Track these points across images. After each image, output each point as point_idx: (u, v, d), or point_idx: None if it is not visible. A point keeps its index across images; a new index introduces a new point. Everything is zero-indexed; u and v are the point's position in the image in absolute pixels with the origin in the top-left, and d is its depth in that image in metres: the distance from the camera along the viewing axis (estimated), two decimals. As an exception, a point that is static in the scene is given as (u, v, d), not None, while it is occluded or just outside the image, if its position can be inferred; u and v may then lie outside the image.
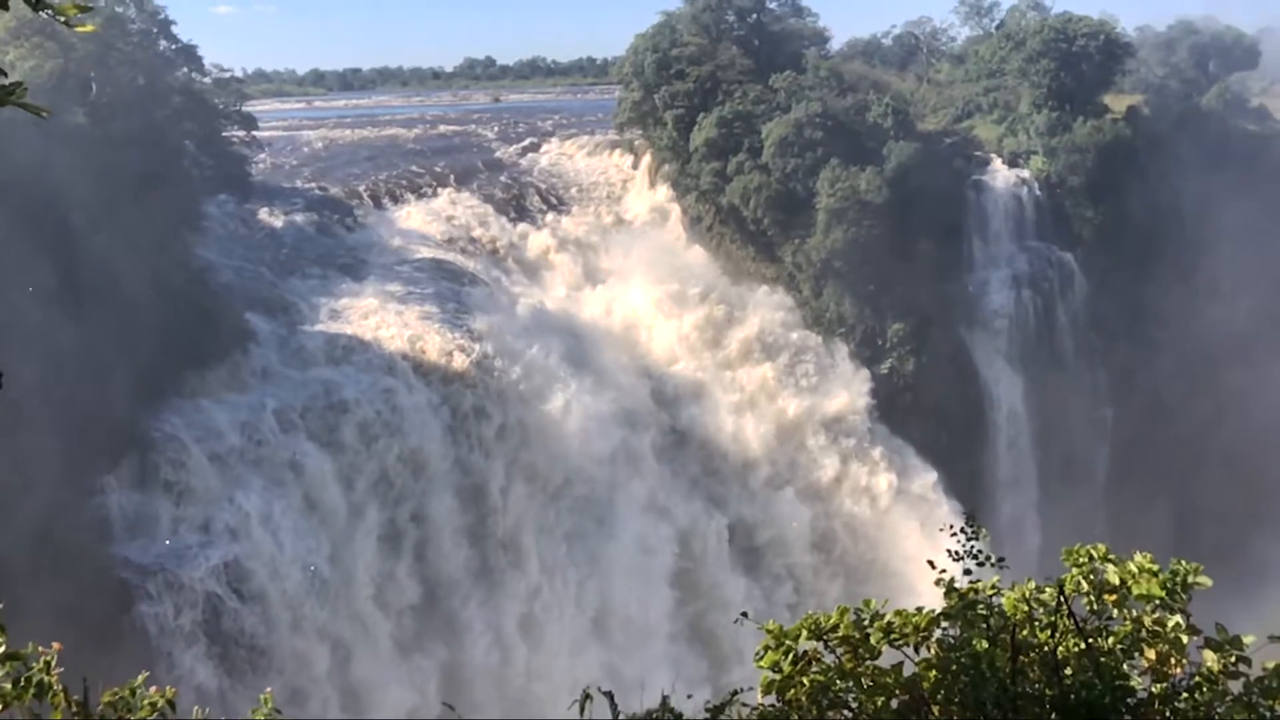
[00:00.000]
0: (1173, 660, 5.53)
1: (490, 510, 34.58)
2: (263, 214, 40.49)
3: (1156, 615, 5.61)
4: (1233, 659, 5.43)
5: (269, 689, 6.48)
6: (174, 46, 38.50)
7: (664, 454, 40.94)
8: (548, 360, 37.40)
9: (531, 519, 35.63)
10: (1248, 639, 5.49)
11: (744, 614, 6.94)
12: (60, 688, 4.97)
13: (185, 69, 39.15)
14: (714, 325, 44.02)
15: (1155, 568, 5.64)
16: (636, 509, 38.73)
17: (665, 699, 6.07)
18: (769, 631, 5.72)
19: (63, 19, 3.90)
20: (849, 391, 44.78)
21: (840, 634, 5.65)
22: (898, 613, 5.77)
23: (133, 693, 5.21)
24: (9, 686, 4.86)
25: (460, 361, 34.95)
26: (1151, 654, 5.56)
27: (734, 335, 44.25)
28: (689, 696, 6.35)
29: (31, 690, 4.85)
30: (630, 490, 38.83)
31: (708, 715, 5.81)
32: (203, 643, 26.64)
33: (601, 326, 42.59)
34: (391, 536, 32.11)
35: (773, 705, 5.82)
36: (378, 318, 35.41)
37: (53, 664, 4.96)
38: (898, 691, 5.62)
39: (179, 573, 26.31)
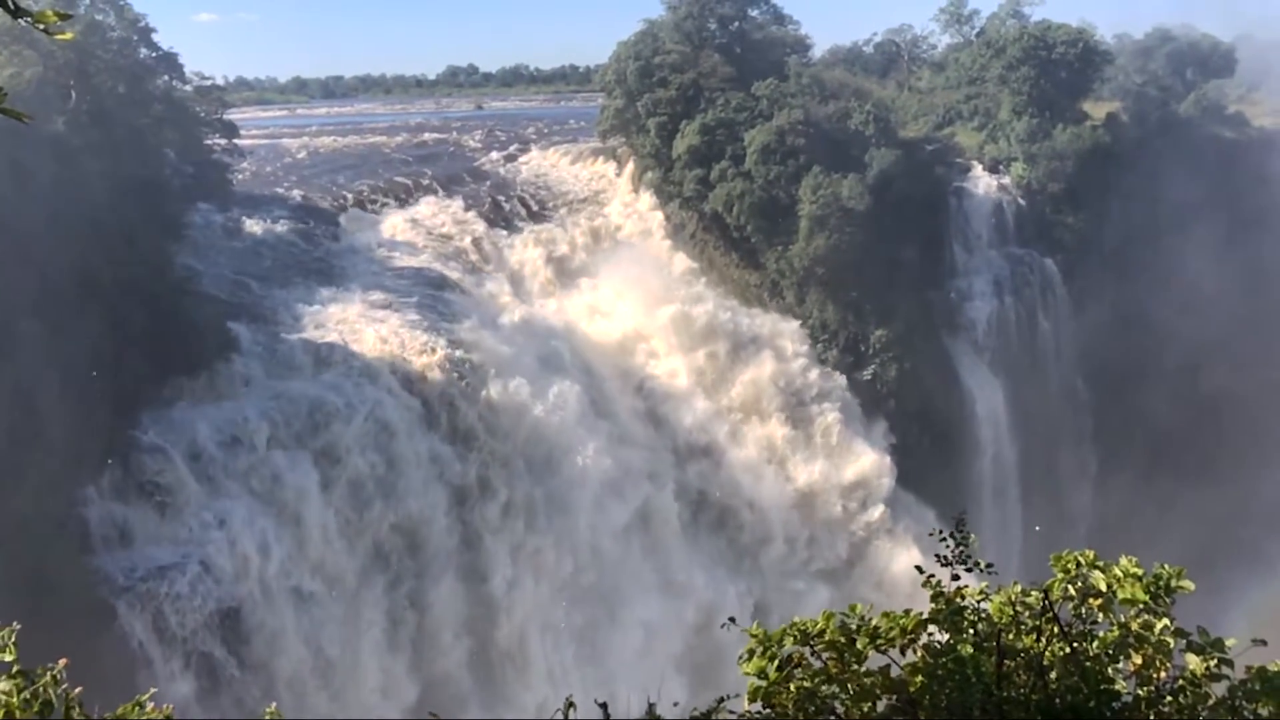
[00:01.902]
0: (1157, 664, 5.55)
1: (494, 607, 32.54)
2: (245, 222, 40.25)
3: (1142, 619, 5.63)
4: (1215, 662, 5.46)
5: (274, 704, 6.44)
6: (154, 54, 38.31)
7: (685, 526, 39.04)
8: (562, 417, 35.49)
9: (538, 617, 33.58)
10: (1230, 642, 5.52)
11: (731, 619, 6.90)
12: (76, 701, 4.98)
13: (166, 77, 38.94)
14: (719, 368, 42.33)
15: (1140, 572, 5.66)
16: (650, 590, 36.76)
17: (651, 706, 6.04)
18: (753, 636, 5.70)
19: (42, 26, 3.87)
20: (870, 448, 43.04)
21: (826, 639, 5.64)
22: (885, 615, 5.77)
23: (139, 706, 5.20)
24: (15, 700, 4.85)
25: (464, 409, 33.19)
26: (1138, 658, 5.58)
27: (744, 376, 42.45)
28: (675, 704, 6.32)
29: (38, 704, 4.85)
30: (644, 571, 36.91)
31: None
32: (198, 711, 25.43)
33: (610, 359, 40.81)
34: (390, 622, 30.41)
35: (759, 712, 5.80)
36: (372, 332, 34.16)
37: (60, 678, 4.96)
38: (884, 694, 5.61)
39: (170, 617, 25.34)
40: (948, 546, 6.16)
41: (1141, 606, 5.62)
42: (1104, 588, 5.69)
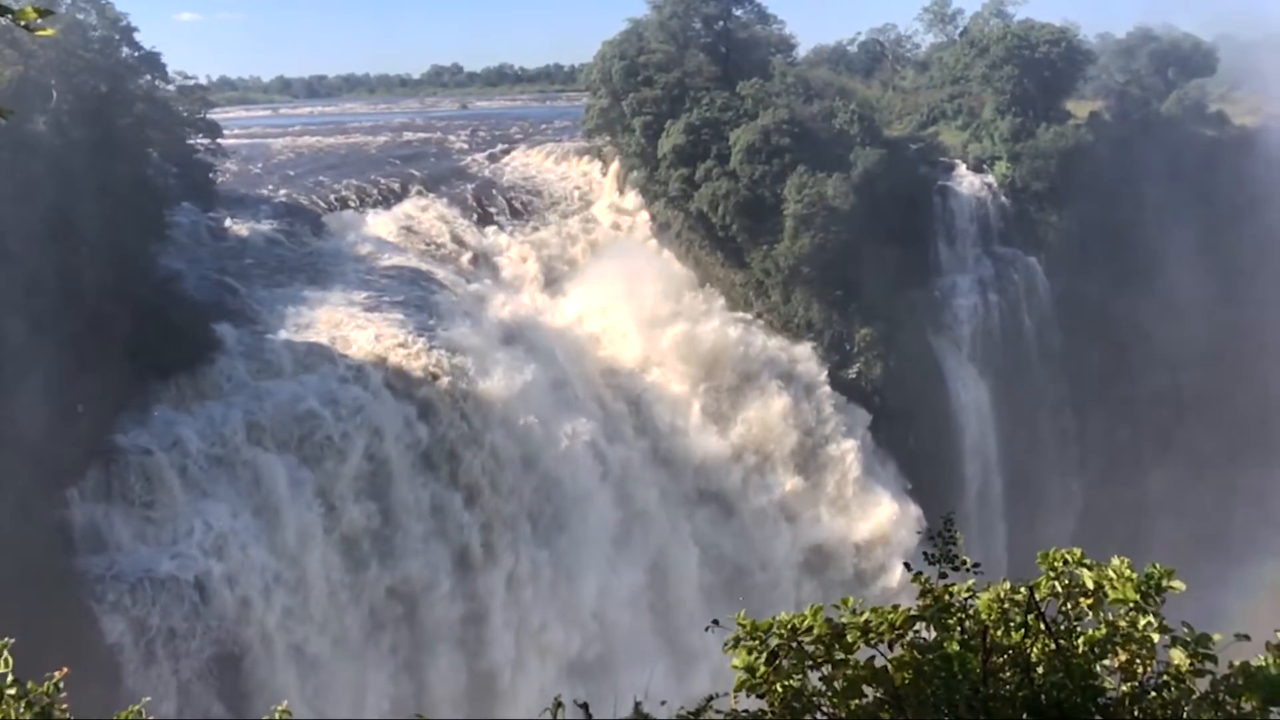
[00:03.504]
0: (1142, 657, 5.58)
1: (497, 693, 31.08)
2: (229, 222, 40.06)
3: (1130, 618, 5.65)
4: (1199, 657, 5.49)
5: (285, 702, 6.40)
6: (136, 54, 38.01)
7: (701, 587, 37.23)
8: (573, 470, 33.94)
9: (541, 705, 32.24)
10: (1215, 637, 5.55)
11: (715, 621, 6.88)
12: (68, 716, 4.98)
13: (148, 76, 38.63)
14: (729, 400, 40.53)
15: (1133, 575, 5.68)
16: (657, 660, 34.57)
17: (638, 704, 6.04)
18: (741, 624, 5.71)
19: (23, 23, 3.85)
20: (891, 498, 40.99)
21: (814, 635, 5.65)
22: (873, 610, 5.79)
23: (139, 714, 5.21)
24: (12, 710, 4.85)
25: (468, 458, 31.77)
26: (1123, 655, 5.61)
27: (752, 414, 40.52)
28: (663, 703, 6.31)
29: (32, 713, 4.84)
30: (653, 638, 35.18)
31: (682, 721, 5.79)
32: None
33: (617, 387, 38.88)
34: (394, 690, 29.20)
35: (746, 711, 5.81)
36: (363, 338, 33.11)
37: (60, 687, 4.95)
38: (870, 683, 5.63)
39: (164, 662, 24.76)
40: (935, 545, 6.20)
41: (1132, 605, 5.64)
42: (1092, 586, 5.72)
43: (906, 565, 6.24)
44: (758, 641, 5.65)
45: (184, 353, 30.38)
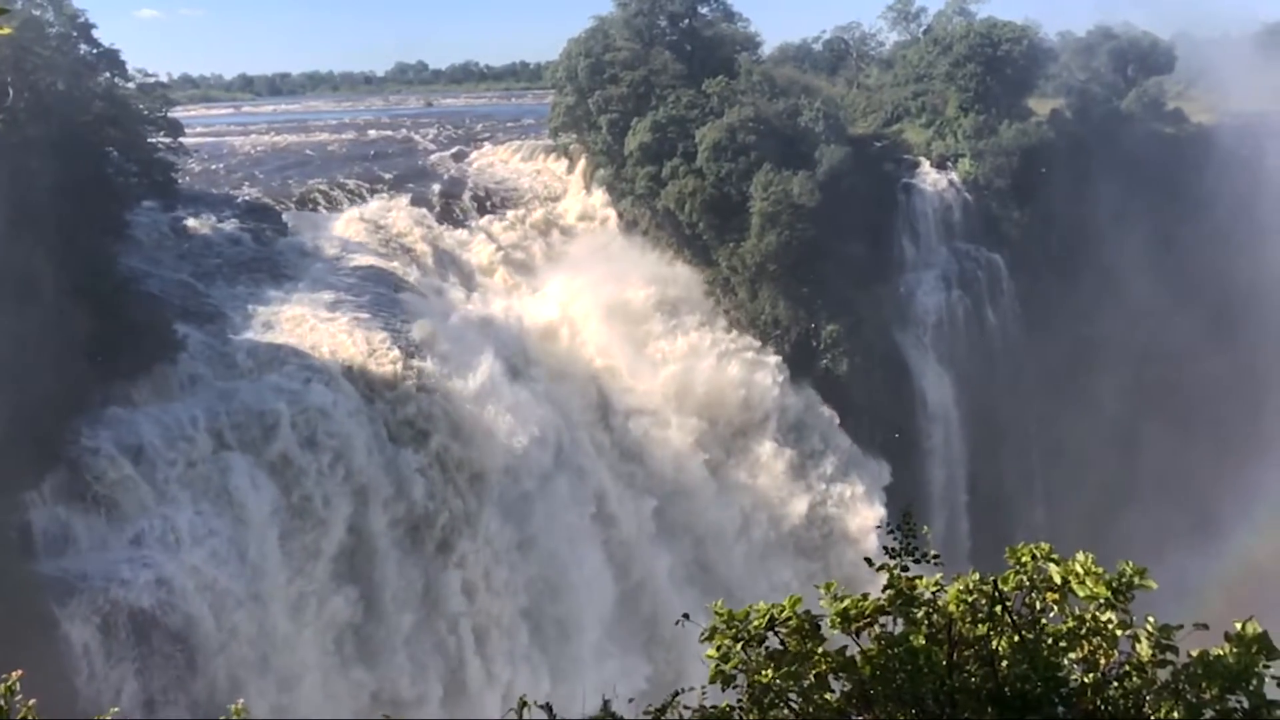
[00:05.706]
0: (1104, 649, 5.65)
1: None
2: (191, 221, 39.54)
3: (1096, 613, 5.72)
4: (1161, 648, 5.56)
5: (240, 700, 6.35)
6: (95, 51, 37.43)
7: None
8: (581, 567, 32.89)
9: None
10: (1176, 629, 5.63)
11: (685, 615, 6.90)
12: (31, 711, 4.93)
13: (107, 74, 38.05)
14: (728, 453, 39.53)
15: (1101, 570, 5.75)
16: None
17: (606, 703, 6.04)
18: (718, 613, 5.73)
19: (-22, 21, 3.79)
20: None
21: (791, 626, 5.69)
22: (849, 599, 5.83)
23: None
24: None
25: (462, 545, 30.81)
26: (1087, 647, 5.67)
27: (756, 481, 39.38)
28: (630, 700, 6.32)
29: None
30: None
31: (649, 718, 5.80)
32: None
33: (615, 435, 37.55)
34: None
35: (714, 707, 5.83)
36: (346, 348, 32.32)
37: (15, 689, 4.91)
38: (838, 672, 5.66)
39: None
40: (896, 539, 6.25)
41: (1102, 602, 5.71)
42: (1059, 580, 5.78)
43: (868, 560, 6.28)
44: (734, 631, 5.69)
45: (145, 353, 30.01)
